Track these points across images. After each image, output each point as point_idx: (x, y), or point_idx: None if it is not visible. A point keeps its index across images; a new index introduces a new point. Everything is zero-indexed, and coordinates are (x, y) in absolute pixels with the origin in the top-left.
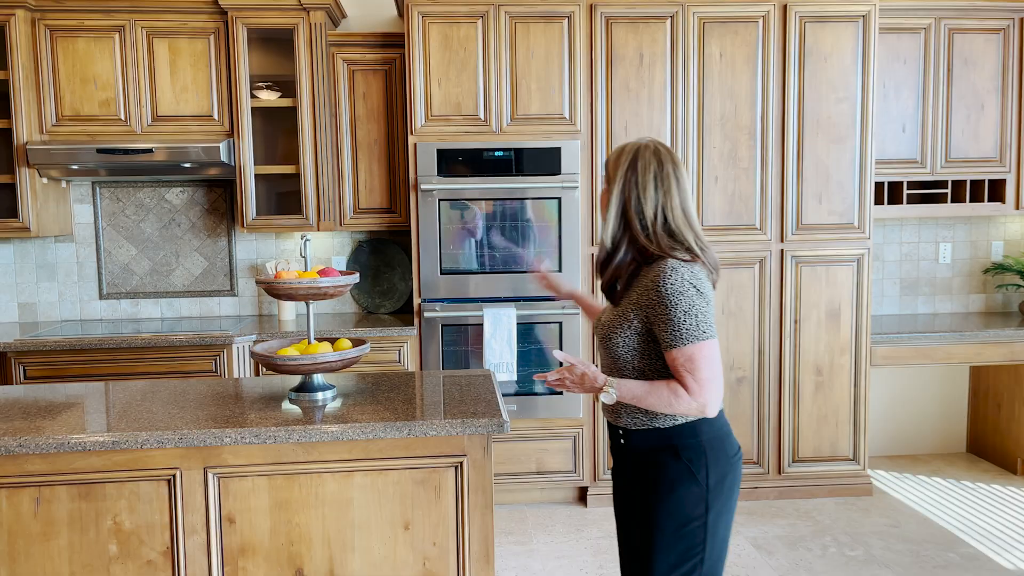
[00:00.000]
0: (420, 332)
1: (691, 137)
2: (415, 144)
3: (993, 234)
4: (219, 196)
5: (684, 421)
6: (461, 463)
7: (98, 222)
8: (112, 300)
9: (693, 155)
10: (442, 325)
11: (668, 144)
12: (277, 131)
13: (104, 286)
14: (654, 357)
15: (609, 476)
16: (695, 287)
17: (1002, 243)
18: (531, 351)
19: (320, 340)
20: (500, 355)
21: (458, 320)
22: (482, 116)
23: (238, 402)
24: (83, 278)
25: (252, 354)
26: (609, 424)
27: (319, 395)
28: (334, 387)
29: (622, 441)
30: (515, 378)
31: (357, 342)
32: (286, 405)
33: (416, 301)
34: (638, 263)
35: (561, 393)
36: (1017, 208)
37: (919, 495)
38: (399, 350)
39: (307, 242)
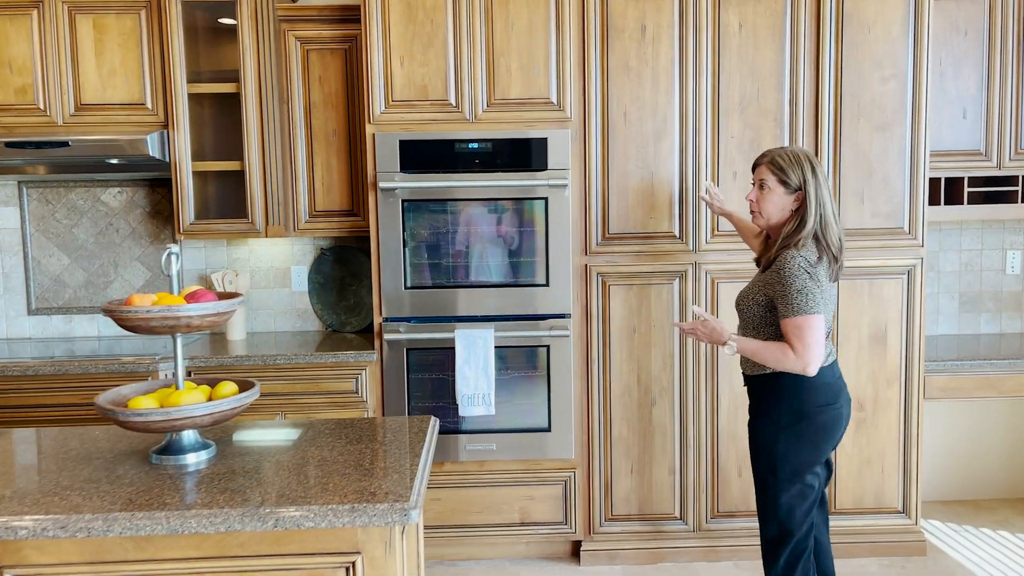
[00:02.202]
0: (382, 357)
1: (704, 125)
2: (373, 135)
3: None
4: (162, 197)
5: (770, 372)
6: (353, 564)
7: (25, 227)
8: (42, 316)
9: (707, 146)
10: (407, 349)
11: (677, 133)
12: (221, 122)
13: (33, 300)
14: (769, 323)
15: (607, 529)
16: (806, 271)
17: None
18: (513, 380)
19: (205, 381)
20: (475, 385)
21: (427, 343)
22: (453, 101)
23: (89, 464)
24: (9, 291)
25: (95, 406)
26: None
27: (189, 459)
28: (212, 446)
29: (744, 385)
30: (492, 412)
31: (245, 385)
32: (146, 470)
33: (377, 320)
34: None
35: (549, 429)
36: None
37: (983, 555)
38: (356, 378)
39: (171, 255)
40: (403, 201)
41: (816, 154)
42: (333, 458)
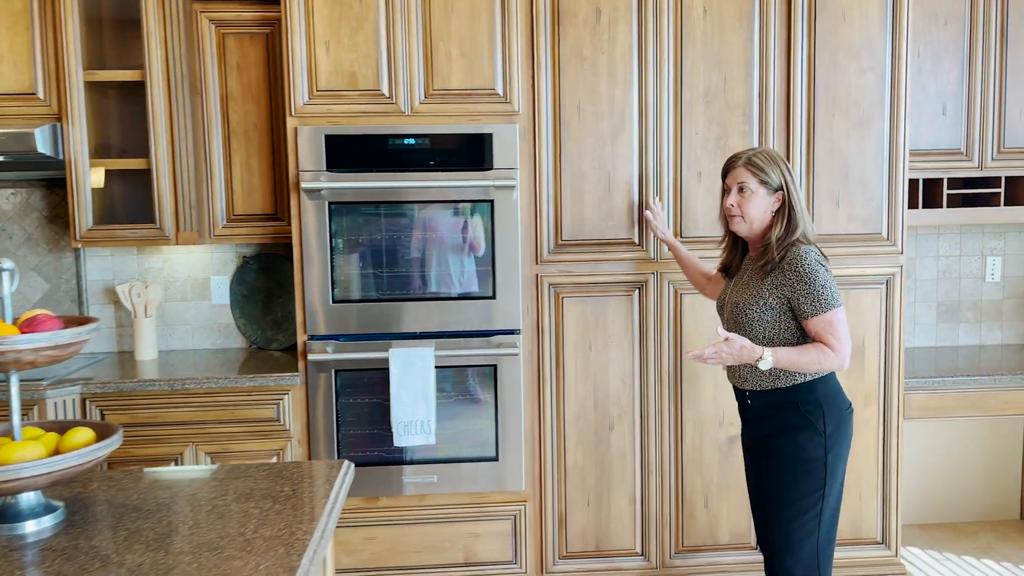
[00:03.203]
0: (306, 380)
1: (665, 120)
2: (295, 128)
3: None
4: (61, 199)
5: (802, 381)
6: None
7: None
8: None
9: (668, 144)
10: (336, 371)
11: (636, 129)
12: (129, 116)
13: None
14: (782, 328)
15: (561, 567)
16: (822, 265)
17: None
18: (457, 403)
19: (96, 410)
20: (412, 411)
21: (358, 364)
22: (386, 91)
23: None
24: None
25: None
26: (735, 388)
27: (27, 527)
28: (59, 509)
29: (749, 402)
30: (432, 441)
31: (104, 431)
32: None
33: (300, 339)
34: (771, 249)
35: (497, 458)
36: None
37: None
38: (278, 404)
39: (3, 272)
40: (330, 204)
41: (788, 153)
42: (210, 523)
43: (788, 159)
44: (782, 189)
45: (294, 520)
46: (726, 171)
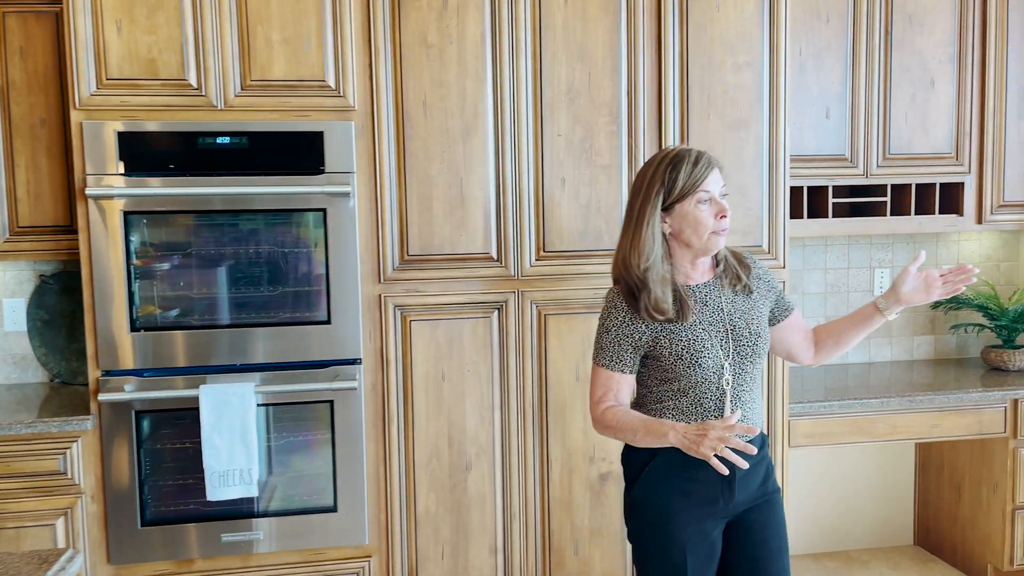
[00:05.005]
0: (100, 424)
1: (524, 119)
2: (81, 124)
3: (945, 256)
4: None
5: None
6: None
7: None
8: None
9: (528, 146)
10: (137, 412)
11: (491, 129)
12: None
13: None
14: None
15: None
16: None
17: None
18: (286, 446)
19: None
20: (228, 458)
21: (164, 404)
22: (194, 82)
23: None
24: None
25: None
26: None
27: None
28: None
29: (756, 451)
30: (255, 493)
31: None
32: None
33: (93, 375)
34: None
35: (335, 508)
36: (979, 222)
37: None
38: (64, 454)
39: None
40: (125, 213)
41: None
42: None
43: None
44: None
45: None
46: (703, 176)
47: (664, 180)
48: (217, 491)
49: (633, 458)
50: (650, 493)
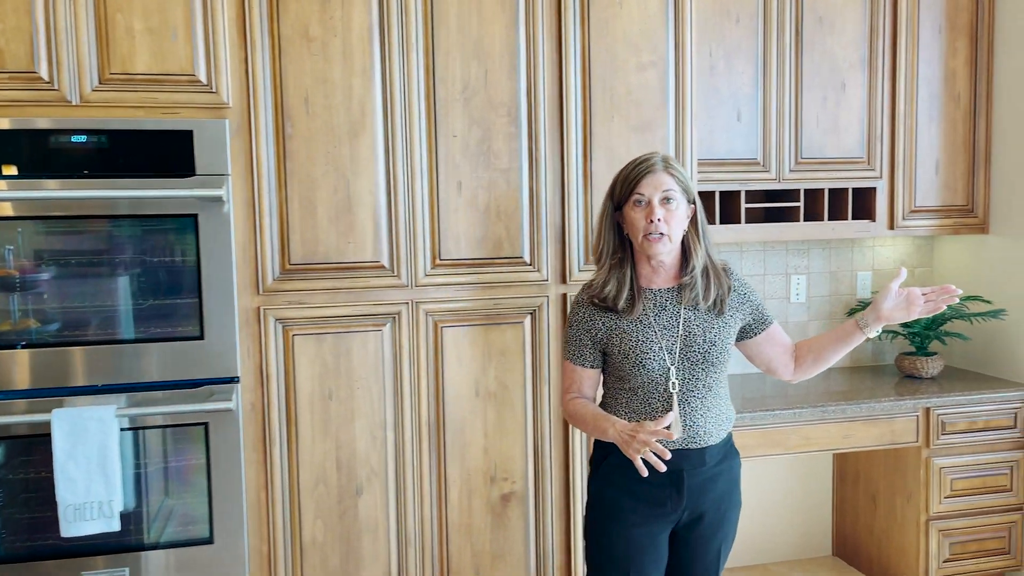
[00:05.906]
0: None
1: (416, 119)
2: None
3: (859, 262)
4: None
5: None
6: None
7: None
8: None
9: (421, 147)
10: None
11: (381, 129)
12: None
13: None
14: (730, 356)
15: None
16: None
17: (870, 274)
18: (155, 475)
19: None
20: (86, 490)
21: (15, 430)
22: (45, 75)
23: None
24: None
25: None
26: (683, 452)
27: None
28: None
29: (706, 461)
30: (117, 527)
31: None
32: None
33: None
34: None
35: (211, 540)
36: (891, 227)
37: None
38: None
39: None
40: None
41: (563, 161)
42: None
43: (563, 167)
44: (694, 201)
45: None
46: (636, 178)
47: (613, 182)
48: (72, 526)
49: (595, 453)
50: (603, 488)
